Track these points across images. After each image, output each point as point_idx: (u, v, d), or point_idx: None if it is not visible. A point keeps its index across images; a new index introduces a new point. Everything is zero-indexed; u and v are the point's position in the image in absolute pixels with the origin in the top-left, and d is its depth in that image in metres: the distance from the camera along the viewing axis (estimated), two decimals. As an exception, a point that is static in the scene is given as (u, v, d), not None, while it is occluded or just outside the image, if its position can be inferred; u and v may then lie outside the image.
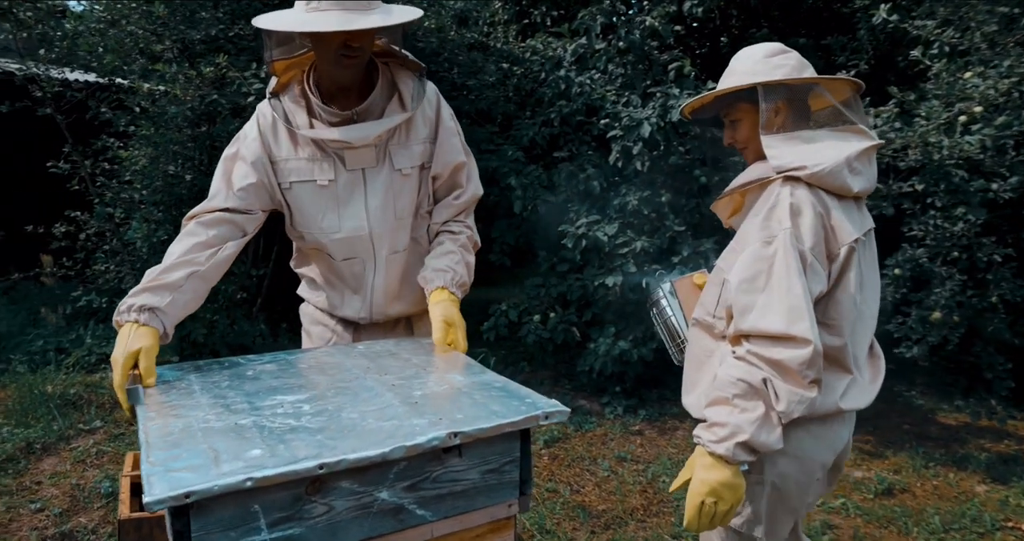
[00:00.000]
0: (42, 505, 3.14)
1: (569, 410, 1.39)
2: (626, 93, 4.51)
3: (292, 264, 2.16)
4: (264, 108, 1.90)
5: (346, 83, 1.84)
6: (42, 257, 5.17)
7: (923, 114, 3.56)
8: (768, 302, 1.49)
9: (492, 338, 4.72)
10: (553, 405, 1.39)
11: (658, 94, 4.19)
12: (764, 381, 1.48)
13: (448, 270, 1.88)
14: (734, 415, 1.48)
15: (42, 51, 4.09)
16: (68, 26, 4.02)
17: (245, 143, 1.89)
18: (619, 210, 4.37)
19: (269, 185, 1.88)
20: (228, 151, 1.92)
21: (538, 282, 4.78)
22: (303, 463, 1.15)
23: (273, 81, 1.88)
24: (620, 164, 4.31)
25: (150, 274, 1.70)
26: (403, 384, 1.53)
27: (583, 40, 4.58)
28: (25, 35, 4.03)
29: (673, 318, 1.94)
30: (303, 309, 2.19)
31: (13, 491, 3.25)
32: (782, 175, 1.58)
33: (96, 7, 4.15)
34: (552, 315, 4.60)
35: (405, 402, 1.42)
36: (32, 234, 4.47)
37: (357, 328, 2.09)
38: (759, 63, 1.68)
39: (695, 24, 5.33)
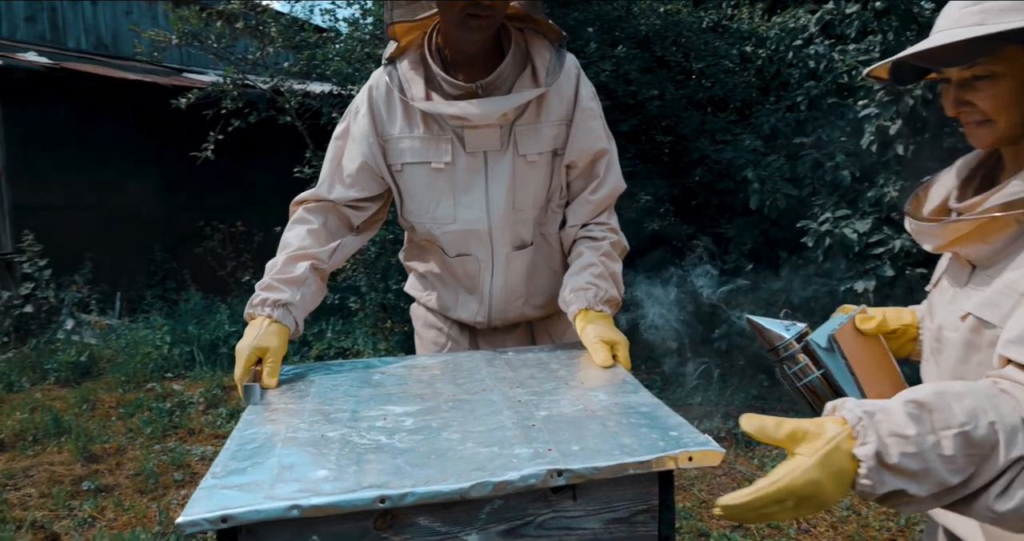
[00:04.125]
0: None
1: (723, 451, 1.03)
2: (887, 64, 3.81)
3: (401, 256, 1.96)
4: (378, 77, 1.69)
5: (472, 50, 1.59)
6: (290, 257, 5.64)
7: None
8: None
9: (724, 347, 4.27)
10: (703, 442, 1.04)
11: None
12: None
13: (589, 287, 1.59)
14: (929, 444, 0.86)
15: (286, 64, 4.44)
16: (309, 38, 4.31)
17: (355, 119, 1.70)
18: (874, 203, 3.71)
19: (377, 167, 1.68)
20: (339, 128, 1.75)
21: (778, 286, 4.24)
22: (362, 493, 0.95)
23: (391, 46, 1.67)
24: (875, 148, 3.64)
25: (273, 265, 1.61)
26: (531, 401, 1.27)
27: (830, 5, 3.96)
28: (271, 50, 4.39)
29: (836, 381, 1.37)
30: (413, 310, 1.98)
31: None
32: None
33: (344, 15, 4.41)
34: (794, 324, 4.03)
35: (520, 424, 1.16)
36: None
37: (473, 332, 1.86)
38: None
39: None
